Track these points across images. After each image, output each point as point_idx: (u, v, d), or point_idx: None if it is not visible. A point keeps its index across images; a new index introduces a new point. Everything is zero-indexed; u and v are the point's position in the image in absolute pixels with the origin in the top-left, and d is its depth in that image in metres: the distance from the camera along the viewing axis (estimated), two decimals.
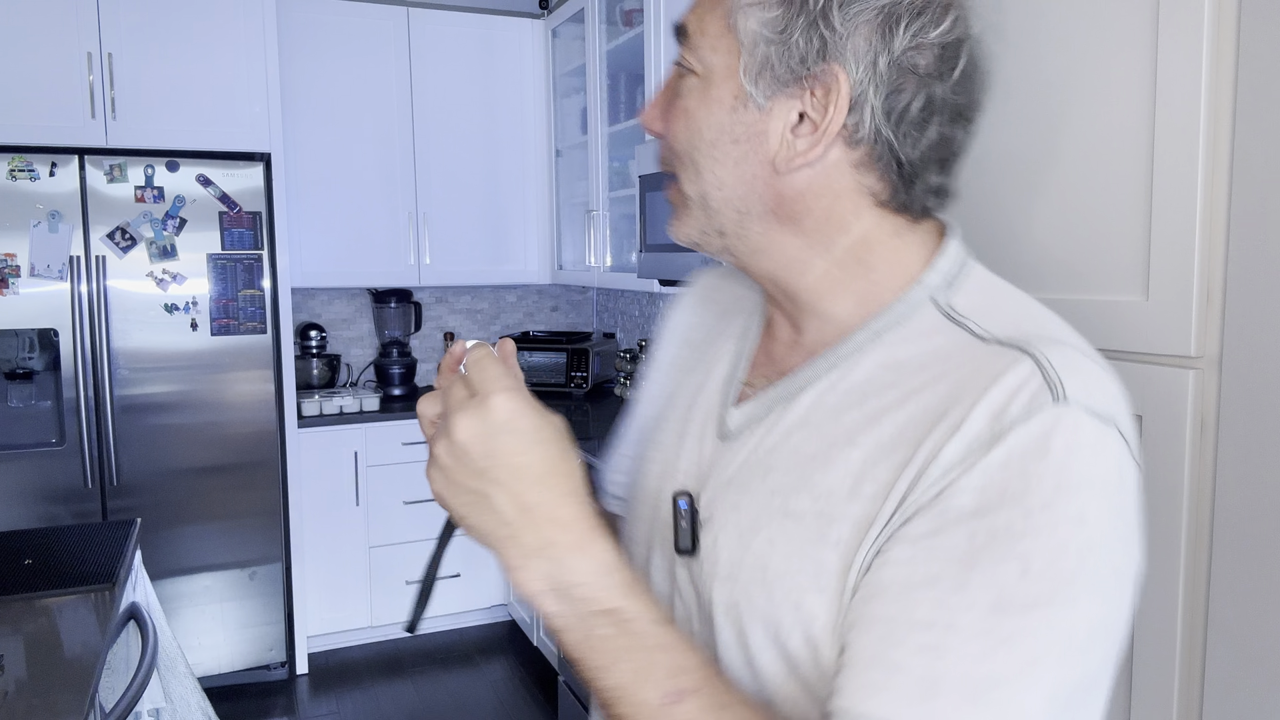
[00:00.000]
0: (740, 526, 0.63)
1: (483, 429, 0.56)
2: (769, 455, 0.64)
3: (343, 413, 3.46)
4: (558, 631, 0.57)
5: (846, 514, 0.57)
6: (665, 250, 2.73)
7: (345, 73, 3.56)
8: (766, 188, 0.63)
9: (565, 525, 0.57)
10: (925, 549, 0.53)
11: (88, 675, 1.29)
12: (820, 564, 0.58)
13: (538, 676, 3.35)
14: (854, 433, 0.60)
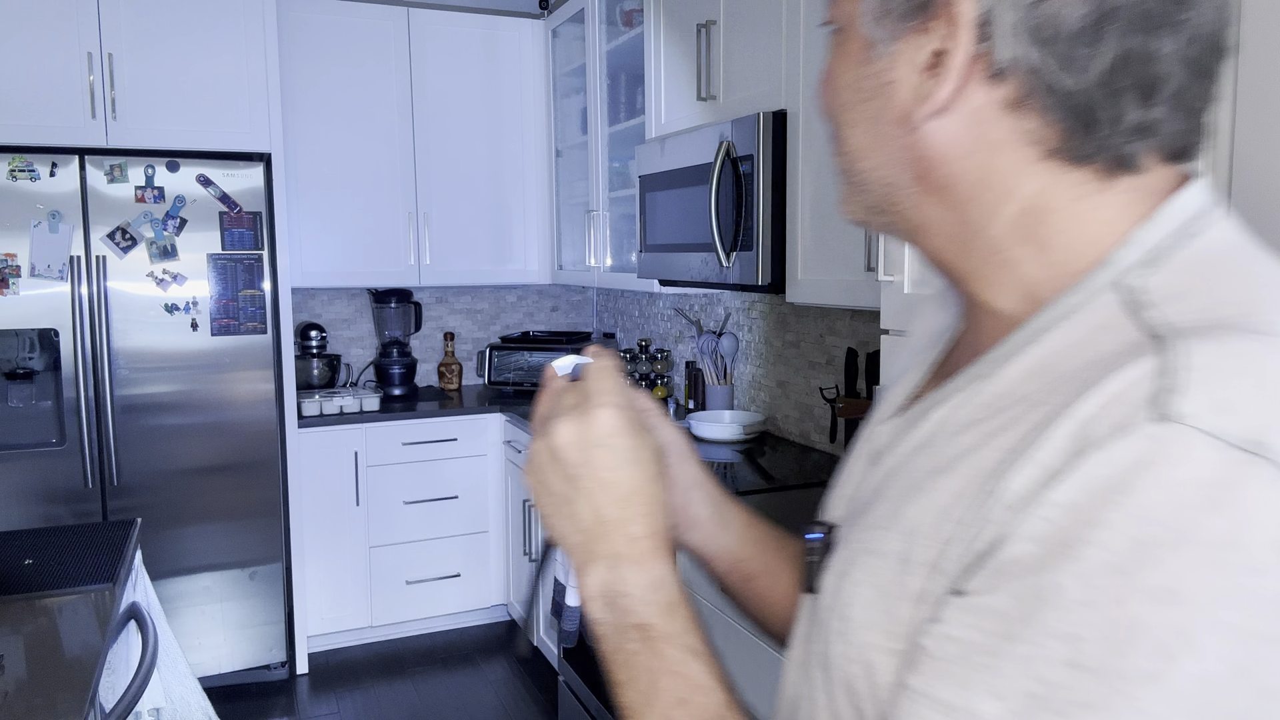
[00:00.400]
0: (839, 563, 0.54)
1: (581, 439, 0.58)
2: (886, 480, 0.54)
3: (343, 413, 3.47)
4: (599, 640, 0.58)
5: (922, 559, 0.47)
6: (665, 250, 2.73)
7: (345, 73, 3.56)
8: (904, 150, 0.52)
9: (633, 541, 0.58)
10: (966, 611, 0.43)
11: (88, 675, 1.29)
12: (894, 619, 0.48)
13: (538, 676, 3.35)
14: (959, 458, 0.48)
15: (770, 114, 2.23)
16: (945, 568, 0.45)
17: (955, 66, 0.48)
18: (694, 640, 0.56)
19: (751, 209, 2.28)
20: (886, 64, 0.52)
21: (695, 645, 0.56)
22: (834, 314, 2.66)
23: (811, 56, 2.14)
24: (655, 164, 2.76)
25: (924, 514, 0.48)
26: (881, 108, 0.52)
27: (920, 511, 0.48)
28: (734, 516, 0.76)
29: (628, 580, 0.57)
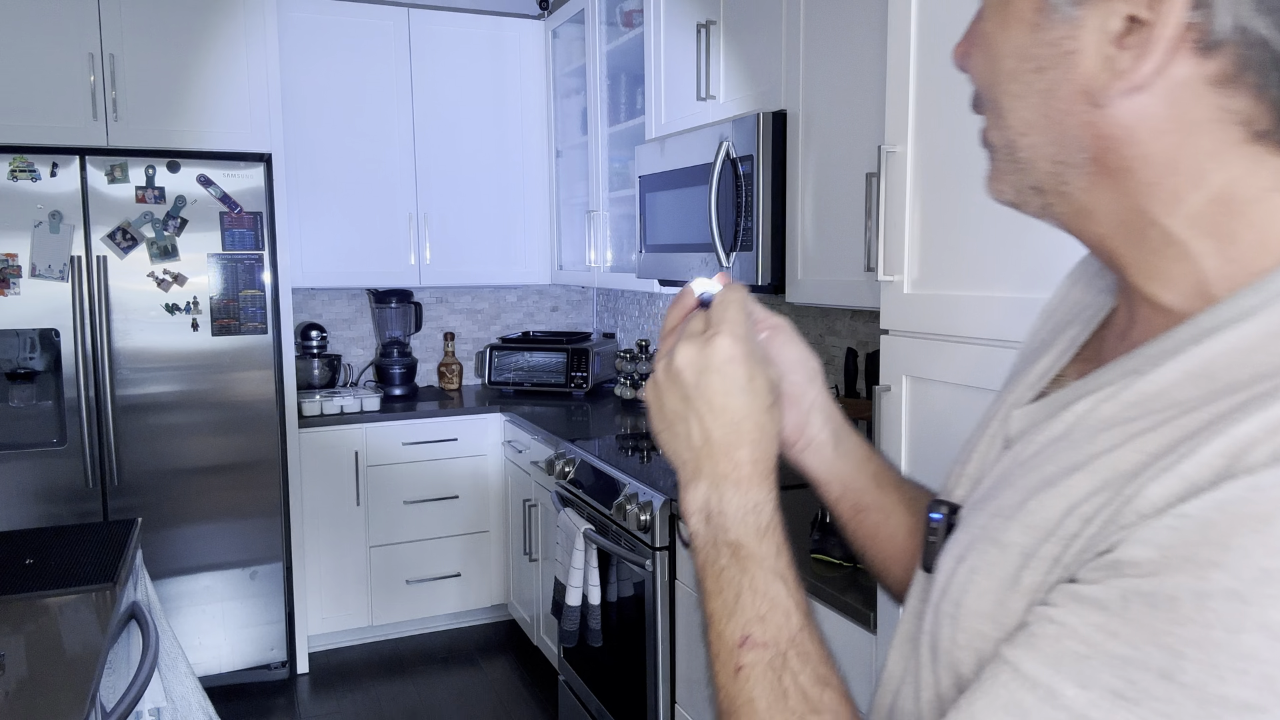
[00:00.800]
0: (959, 547, 0.53)
1: (699, 362, 0.61)
2: (1016, 468, 0.53)
3: (343, 413, 3.47)
4: (692, 551, 0.61)
5: (1042, 554, 0.46)
6: (665, 250, 2.74)
7: (345, 73, 3.56)
8: (1084, 127, 0.48)
9: (737, 465, 0.60)
10: (1072, 597, 0.42)
11: (88, 675, 1.29)
12: (1006, 610, 0.47)
13: (538, 676, 3.35)
14: (1097, 456, 0.46)
15: (770, 114, 2.23)
16: (1065, 561, 0.44)
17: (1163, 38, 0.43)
18: (781, 565, 0.58)
19: (751, 209, 2.28)
20: (1068, 30, 0.47)
21: (781, 569, 0.58)
22: (834, 314, 2.66)
23: (812, 56, 2.14)
24: (655, 164, 2.76)
25: (1052, 510, 0.46)
26: (1058, 80, 0.48)
27: (1048, 507, 0.47)
28: (853, 446, 0.76)
29: (727, 500, 0.60)
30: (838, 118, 2.05)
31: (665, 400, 0.63)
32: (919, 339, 1.43)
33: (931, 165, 1.40)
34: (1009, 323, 1.26)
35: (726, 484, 0.60)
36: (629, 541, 2.33)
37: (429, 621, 3.69)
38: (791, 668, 0.55)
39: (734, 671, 0.56)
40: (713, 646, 0.58)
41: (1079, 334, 0.61)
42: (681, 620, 2.21)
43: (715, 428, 0.60)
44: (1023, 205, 0.54)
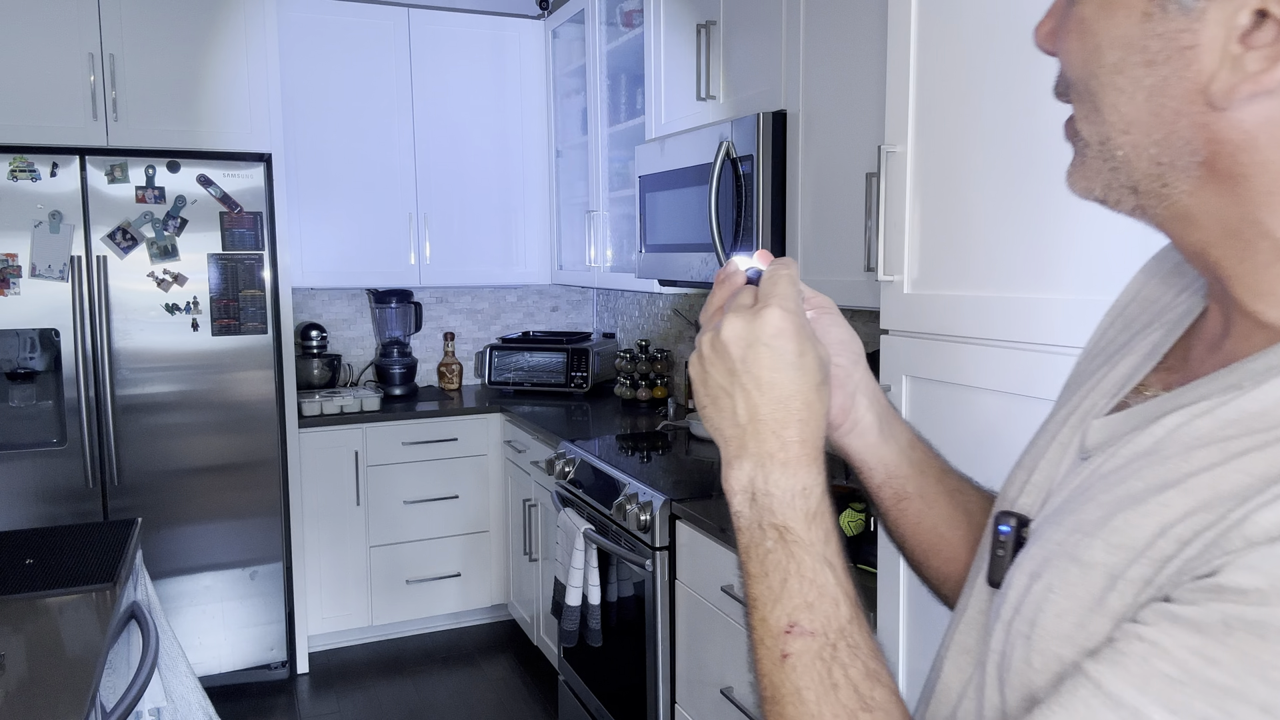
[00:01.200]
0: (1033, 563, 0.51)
1: (747, 334, 0.58)
2: (1099, 482, 0.50)
3: (343, 412, 3.47)
4: (736, 531, 0.59)
5: (1131, 576, 0.44)
6: (665, 250, 2.73)
7: (345, 73, 3.56)
8: (1197, 129, 0.45)
9: (785, 444, 0.57)
10: (1166, 617, 0.40)
11: (88, 675, 1.29)
12: (1089, 633, 0.45)
13: (538, 676, 3.35)
14: (1193, 475, 0.44)
15: (770, 114, 2.23)
16: (1159, 583, 0.42)
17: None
18: (830, 551, 0.56)
19: (751, 209, 2.28)
20: (1186, 23, 0.43)
21: (831, 557, 0.56)
22: None
23: (812, 56, 2.14)
24: (655, 164, 2.76)
25: (1142, 530, 0.44)
26: (1171, 76, 0.44)
27: (1137, 526, 0.44)
28: (898, 431, 0.74)
29: (773, 481, 0.57)
30: (838, 118, 2.05)
31: (710, 374, 0.60)
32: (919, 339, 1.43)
33: (931, 165, 1.40)
34: (1009, 323, 1.26)
35: (773, 464, 0.57)
36: (629, 541, 2.33)
37: (429, 621, 3.69)
38: (841, 660, 0.52)
39: (779, 659, 0.54)
40: (755, 631, 0.56)
41: (1162, 339, 0.57)
42: (681, 620, 2.21)
43: (762, 404, 0.57)
44: (1113, 204, 0.51)
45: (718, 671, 2.04)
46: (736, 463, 0.59)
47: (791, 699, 0.52)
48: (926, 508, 0.73)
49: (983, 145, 1.30)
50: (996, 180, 1.28)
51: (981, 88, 1.30)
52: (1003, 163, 1.28)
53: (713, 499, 2.20)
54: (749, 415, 0.58)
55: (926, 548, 0.73)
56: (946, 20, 1.36)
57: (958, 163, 1.34)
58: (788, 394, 0.57)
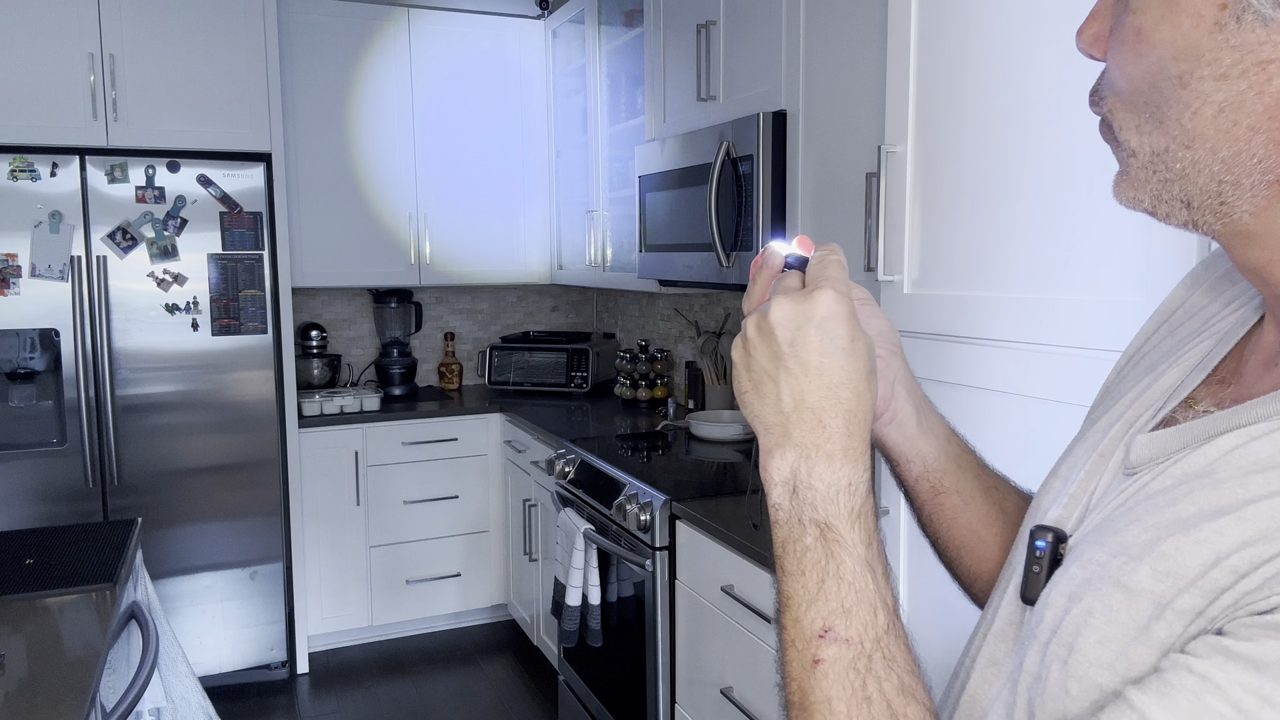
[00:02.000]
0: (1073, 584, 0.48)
1: (797, 316, 0.55)
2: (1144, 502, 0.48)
3: (343, 412, 3.47)
4: (773, 524, 0.56)
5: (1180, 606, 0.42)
6: (665, 250, 2.73)
7: (345, 73, 3.56)
8: (1273, 148, 0.42)
9: (831, 435, 0.54)
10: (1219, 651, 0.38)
11: (88, 675, 1.29)
12: (1131, 662, 0.43)
13: (538, 676, 3.35)
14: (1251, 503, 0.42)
15: (770, 114, 2.23)
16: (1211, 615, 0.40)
17: None
18: (872, 555, 0.53)
19: (751, 209, 2.28)
20: (1265, 35, 0.41)
21: (872, 560, 0.53)
22: None
23: (812, 56, 2.14)
24: (655, 164, 2.76)
25: (1193, 558, 0.42)
26: (1246, 93, 0.42)
27: (1188, 555, 0.42)
28: (936, 424, 0.72)
29: (816, 474, 0.54)
30: (838, 118, 2.05)
31: (755, 357, 0.57)
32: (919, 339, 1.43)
33: (931, 165, 1.40)
34: (1009, 323, 1.26)
35: (818, 455, 0.54)
36: (629, 541, 2.33)
37: (429, 621, 3.69)
38: (876, 672, 0.50)
39: (810, 664, 0.51)
40: (787, 631, 0.53)
41: (1212, 350, 0.55)
42: (681, 620, 2.21)
43: (810, 390, 0.54)
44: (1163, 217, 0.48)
45: (718, 671, 2.04)
46: (778, 451, 0.55)
47: (821, 708, 0.50)
48: (963, 504, 0.71)
49: (983, 145, 1.30)
50: (996, 180, 1.29)
51: (981, 88, 1.30)
52: (1003, 163, 1.28)
53: (713, 499, 2.20)
54: (794, 402, 0.55)
55: (960, 545, 0.72)
56: (946, 20, 1.36)
57: (958, 163, 1.35)
58: (837, 381, 0.54)
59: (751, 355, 0.57)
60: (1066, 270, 1.18)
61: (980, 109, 1.30)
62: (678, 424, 3.14)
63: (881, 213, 1.49)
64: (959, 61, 1.34)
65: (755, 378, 0.57)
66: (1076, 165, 1.16)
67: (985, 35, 1.29)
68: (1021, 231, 1.24)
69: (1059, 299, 1.18)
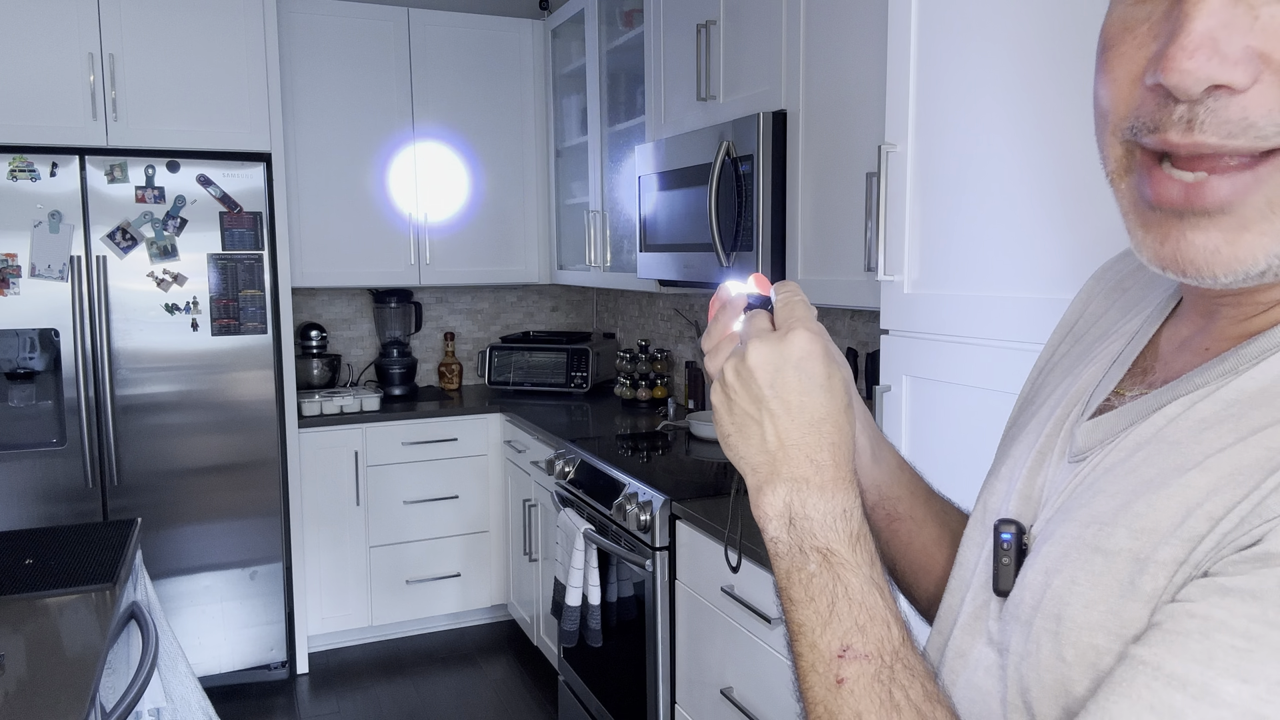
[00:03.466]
0: (1048, 560, 0.51)
1: (774, 359, 0.57)
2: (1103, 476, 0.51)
3: (343, 413, 3.47)
4: (772, 558, 0.57)
5: (1161, 558, 0.44)
6: (665, 250, 2.73)
7: (345, 73, 3.56)
8: None
9: (819, 467, 0.56)
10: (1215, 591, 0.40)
11: (88, 675, 1.29)
12: (1124, 620, 0.45)
13: (538, 676, 3.35)
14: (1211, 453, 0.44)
15: (770, 114, 2.23)
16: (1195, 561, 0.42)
17: None
18: (876, 574, 0.55)
19: (751, 209, 2.28)
20: None
21: (878, 579, 0.55)
22: (834, 314, 2.66)
23: (812, 56, 2.14)
24: (655, 164, 2.76)
25: (1165, 512, 0.44)
26: None
27: (1160, 509, 0.45)
28: (888, 454, 0.75)
29: (811, 505, 0.56)
30: (838, 118, 2.05)
31: (736, 401, 0.59)
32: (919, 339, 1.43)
33: (931, 165, 1.40)
34: (1009, 323, 1.26)
35: (809, 488, 0.56)
36: (629, 541, 2.33)
37: (429, 621, 3.69)
38: (900, 681, 0.51)
39: (834, 684, 0.52)
40: (804, 658, 0.54)
41: (1128, 347, 0.58)
42: (681, 620, 2.21)
43: (793, 429, 0.57)
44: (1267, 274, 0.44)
45: (718, 671, 2.04)
46: (769, 488, 0.57)
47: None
48: (916, 528, 0.74)
49: (983, 144, 1.30)
50: (997, 180, 1.28)
51: (982, 87, 1.30)
52: (1003, 162, 1.28)
53: (713, 499, 2.20)
54: (779, 441, 0.57)
55: (917, 568, 0.74)
56: (947, 20, 1.36)
57: (958, 162, 1.34)
58: (819, 417, 0.57)
59: (733, 399, 0.59)
60: (1066, 270, 1.18)
61: (980, 109, 1.30)
62: (678, 424, 3.14)
63: (881, 213, 1.49)
64: (959, 61, 1.34)
65: (738, 420, 0.59)
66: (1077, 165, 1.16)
67: (985, 35, 1.29)
68: (1021, 231, 1.24)
69: (1059, 299, 1.18)
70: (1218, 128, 0.41)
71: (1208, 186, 0.43)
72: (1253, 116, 0.41)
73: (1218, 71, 0.40)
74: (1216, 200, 0.43)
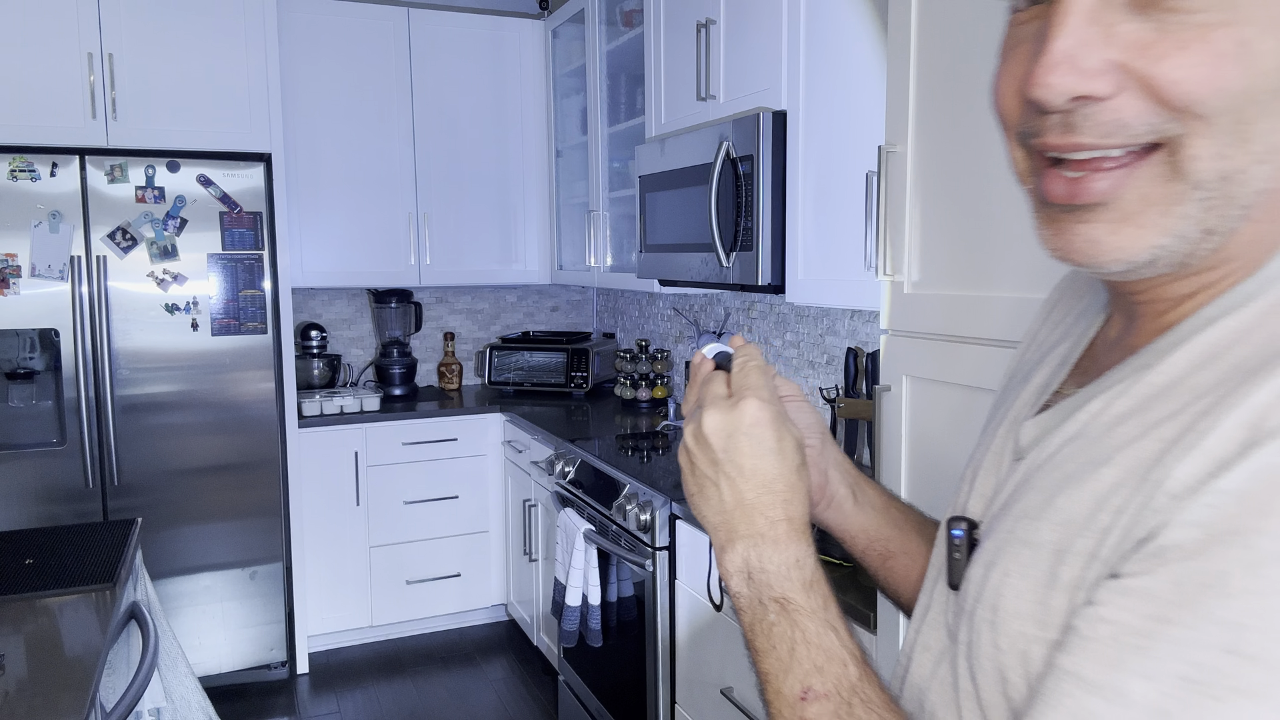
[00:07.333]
0: (988, 554, 0.54)
1: (727, 425, 0.62)
2: (1035, 472, 0.54)
3: (343, 412, 3.47)
4: (738, 612, 0.61)
5: (1077, 549, 0.47)
6: (665, 250, 2.73)
7: (345, 73, 3.56)
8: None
9: (773, 524, 0.61)
10: (1120, 593, 0.42)
11: (88, 675, 1.29)
12: (1048, 609, 0.47)
13: (538, 676, 3.35)
14: (1120, 448, 0.47)
15: (770, 114, 2.24)
16: (1103, 555, 0.45)
17: None
18: (831, 615, 0.58)
19: (751, 209, 2.28)
20: None
21: (833, 620, 0.58)
22: (834, 314, 2.66)
23: (812, 56, 2.14)
24: (655, 164, 2.76)
25: (1079, 504, 0.47)
26: None
27: (1076, 502, 0.48)
28: (872, 497, 0.79)
29: (767, 558, 0.60)
30: (838, 118, 2.05)
31: (697, 464, 0.64)
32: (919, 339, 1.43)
33: (931, 165, 1.40)
34: (1009, 323, 1.26)
35: (764, 542, 0.60)
36: (629, 541, 2.33)
37: (429, 621, 3.69)
38: (858, 714, 0.54)
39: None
40: (772, 705, 0.58)
41: (1070, 351, 0.62)
42: (681, 620, 2.21)
43: (747, 490, 0.61)
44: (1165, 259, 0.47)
45: (718, 671, 2.04)
46: (729, 547, 0.62)
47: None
48: (911, 562, 0.77)
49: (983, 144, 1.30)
50: (997, 180, 1.28)
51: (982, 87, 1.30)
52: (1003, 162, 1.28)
53: None
54: (735, 501, 0.62)
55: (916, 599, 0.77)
56: (946, 20, 1.36)
57: (958, 163, 1.34)
58: (770, 478, 0.61)
59: (694, 462, 0.64)
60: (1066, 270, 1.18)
61: (981, 108, 1.30)
62: (678, 424, 3.14)
63: (881, 213, 1.49)
64: (959, 61, 1.34)
65: (699, 481, 0.64)
66: None
67: (985, 35, 1.29)
68: (1021, 231, 1.24)
69: None
70: (1092, 130, 0.46)
71: (1088, 182, 0.47)
72: (1125, 118, 0.45)
73: (1078, 84, 0.44)
74: (1096, 194, 0.46)
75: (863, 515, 0.77)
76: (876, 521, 0.78)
